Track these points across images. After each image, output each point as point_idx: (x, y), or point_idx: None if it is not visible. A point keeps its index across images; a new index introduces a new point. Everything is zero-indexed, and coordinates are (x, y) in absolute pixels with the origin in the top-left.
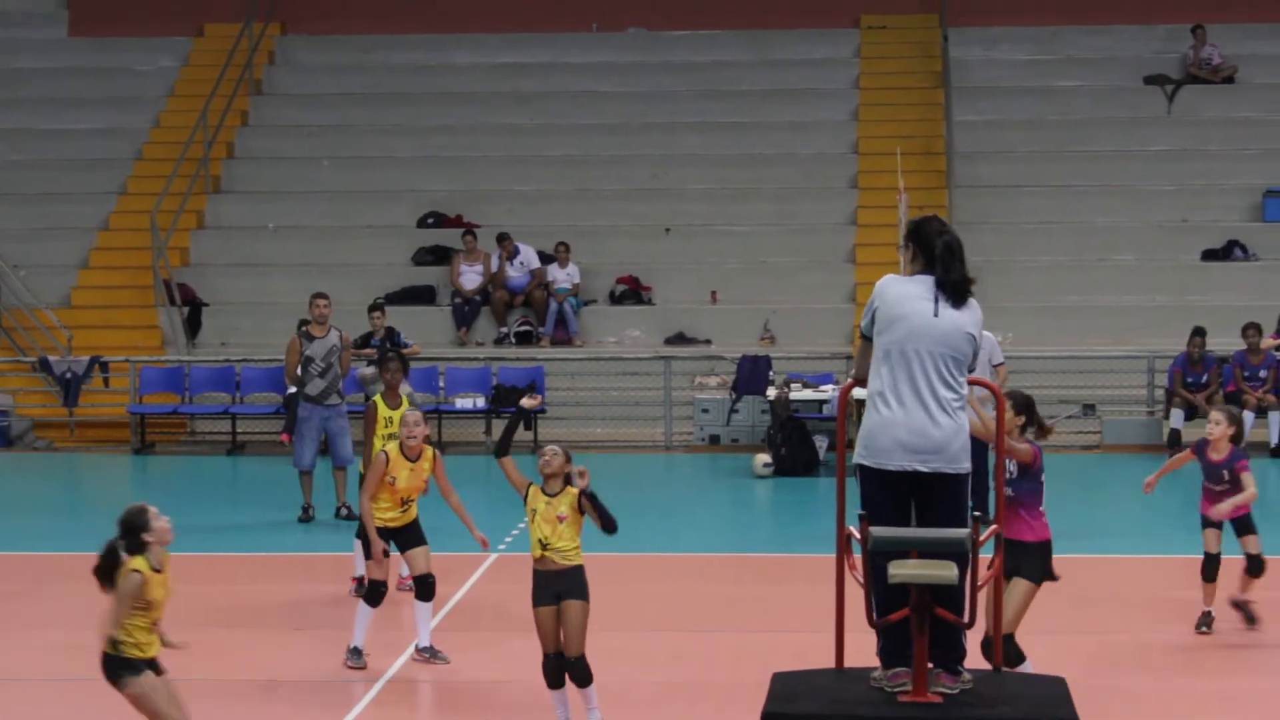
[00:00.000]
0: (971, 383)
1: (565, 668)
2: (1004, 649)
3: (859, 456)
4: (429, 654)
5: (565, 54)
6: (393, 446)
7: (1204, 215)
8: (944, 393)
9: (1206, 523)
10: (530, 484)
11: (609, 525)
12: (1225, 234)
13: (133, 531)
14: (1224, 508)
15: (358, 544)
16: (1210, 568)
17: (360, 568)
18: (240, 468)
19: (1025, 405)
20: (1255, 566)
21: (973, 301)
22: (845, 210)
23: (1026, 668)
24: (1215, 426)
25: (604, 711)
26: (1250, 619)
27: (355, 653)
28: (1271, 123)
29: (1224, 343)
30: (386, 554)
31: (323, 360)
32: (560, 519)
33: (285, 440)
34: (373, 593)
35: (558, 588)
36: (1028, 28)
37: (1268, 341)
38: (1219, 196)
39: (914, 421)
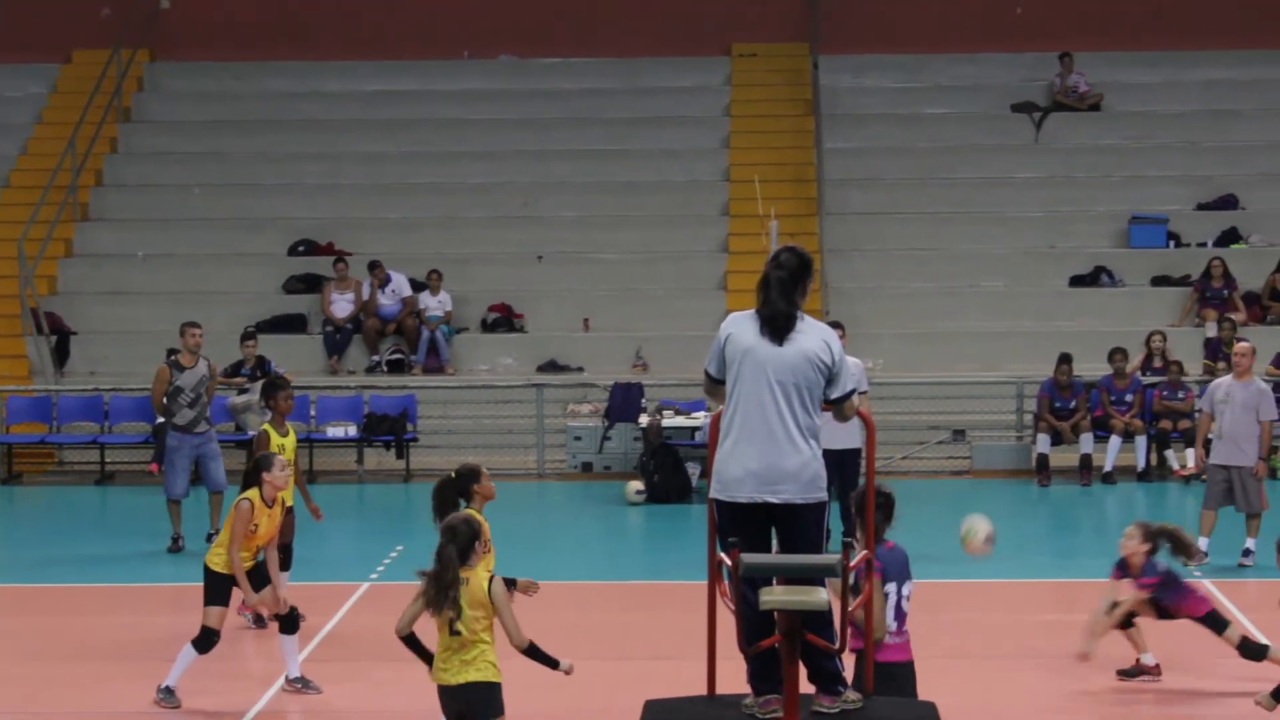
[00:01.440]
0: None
1: None
2: None
3: (712, 490)
4: (300, 684)
5: (436, 82)
6: (254, 494)
7: (1071, 242)
8: (794, 423)
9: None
10: None
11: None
12: (1092, 260)
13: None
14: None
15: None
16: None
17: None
18: (109, 498)
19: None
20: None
21: (821, 326)
22: (717, 237)
23: None
24: (1127, 540)
25: None
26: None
27: (168, 692)
28: (1137, 150)
29: (1091, 368)
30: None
31: (192, 390)
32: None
33: (154, 470)
34: (204, 640)
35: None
36: (896, 56)
37: (1134, 364)
38: (1086, 223)
39: (764, 452)
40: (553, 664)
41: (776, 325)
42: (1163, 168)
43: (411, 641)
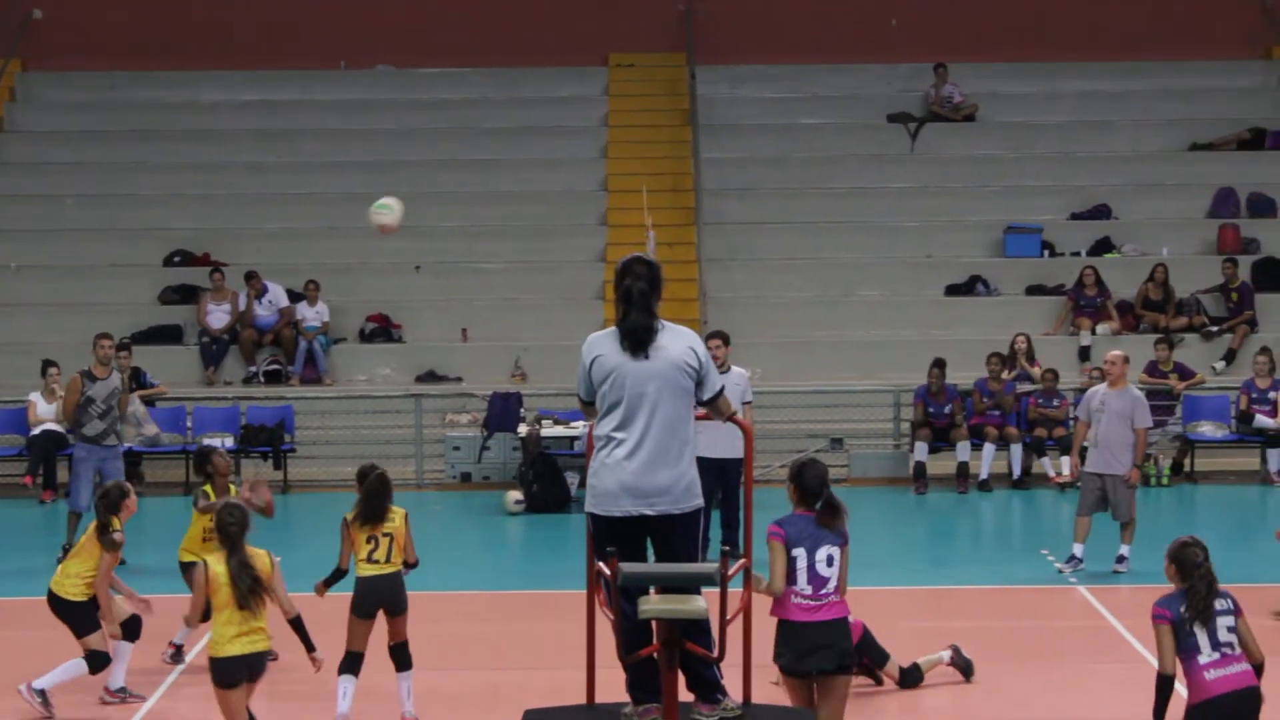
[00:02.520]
0: (701, 417)
1: None
2: None
3: (588, 505)
4: (123, 694)
5: (313, 91)
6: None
7: (947, 251)
8: (666, 436)
9: None
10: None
11: None
12: (968, 269)
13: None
14: None
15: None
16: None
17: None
18: None
19: (796, 474)
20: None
21: (686, 331)
22: (595, 247)
23: None
24: None
25: None
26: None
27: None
28: (1012, 160)
29: (967, 375)
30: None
31: (104, 402)
32: None
33: (29, 483)
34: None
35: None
36: (773, 66)
37: (1009, 374)
38: (961, 232)
39: (638, 468)
40: (309, 646)
41: (638, 338)
42: (1037, 178)
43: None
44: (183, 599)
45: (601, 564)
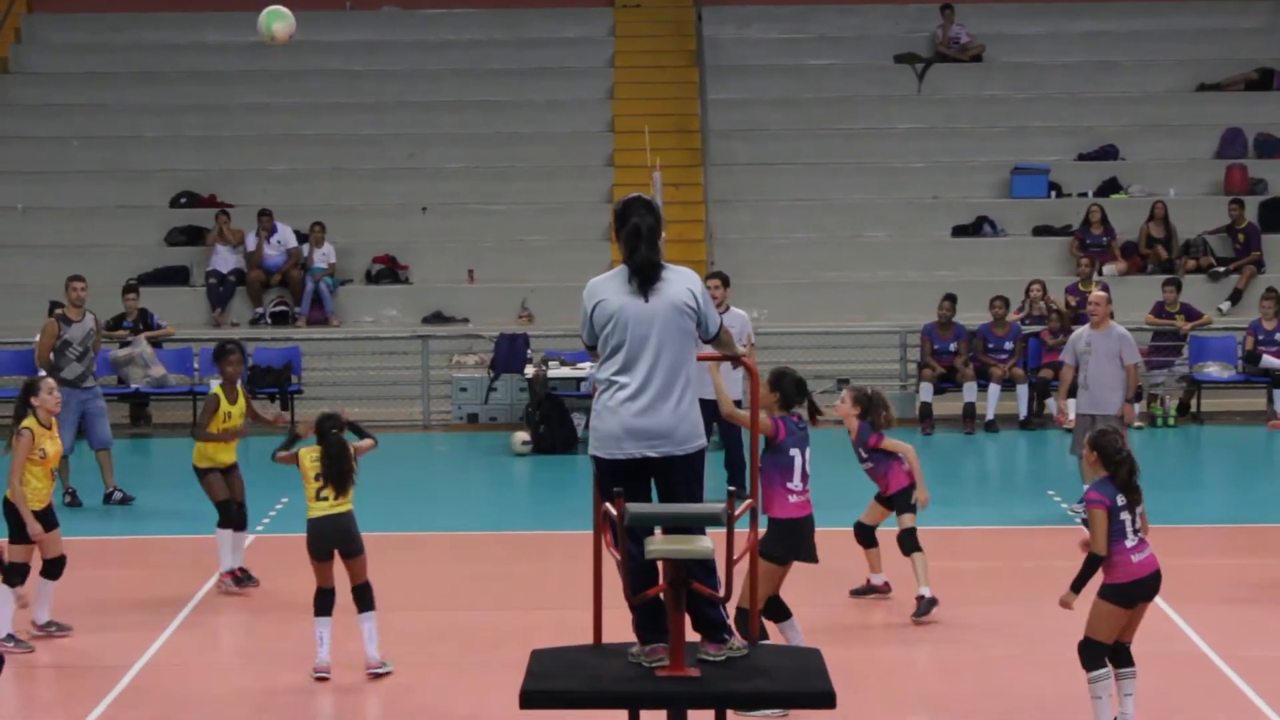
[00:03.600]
0: (720, 358)
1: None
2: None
3: (591, 448)
4: (51, 628)
5: (319, 32)
6: (30, 421)
7: (954, 192)
8: (669, 377)
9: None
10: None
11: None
12: (974, 210)
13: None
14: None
15: (222, 535)
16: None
17: (226, 561)
18: None
19: (776, 382)
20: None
21: (685, 271)
22: (601, 189)
23: (795, 638)
24: (840, 404)
25: (361, 695)
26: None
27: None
28: (1018, 100)
29: (974, 316)
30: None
31: (80, 344)
32: None
33: None
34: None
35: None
36: (780, 7)
37: (1014, 315)
38: (968, 174)
39: (641, 409)
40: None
41: (646, 275)
42: (1044, 118)
43: None
44: (195, 540)
45: (608, 505)
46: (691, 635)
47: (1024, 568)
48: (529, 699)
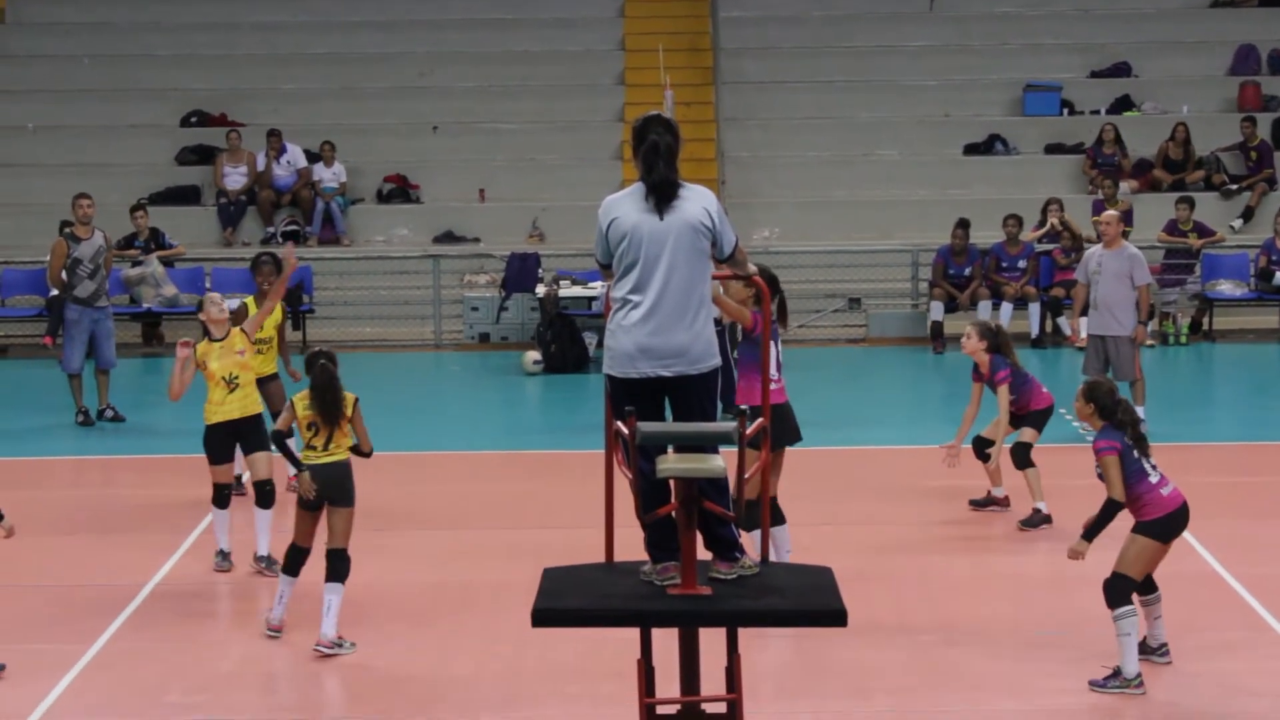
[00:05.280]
0: (733, 277)
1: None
2: (746, 513)
3: (605, 366)
4: (265, 565)
5: None
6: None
7: (965, 110)
8: (684, 296)
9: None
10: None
11: None
12: (986, 128)
13: None
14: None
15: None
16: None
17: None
18: (4, 372)
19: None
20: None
21: (701, 190)
22: (613, 107)
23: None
24: (966, 341)
25: (382, 612)
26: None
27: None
28: (1031, 17)
29: (986, 235)
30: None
31: (90, 262)
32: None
33: (49, 343)
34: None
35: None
36: None
37: (1029, 234)
38: (980, 91)
39: (656, 328)
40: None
41: (663, 193)
42: (1057, 35)
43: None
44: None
45: (620, 423)
46: (704, 554)
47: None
48: (541, 616)
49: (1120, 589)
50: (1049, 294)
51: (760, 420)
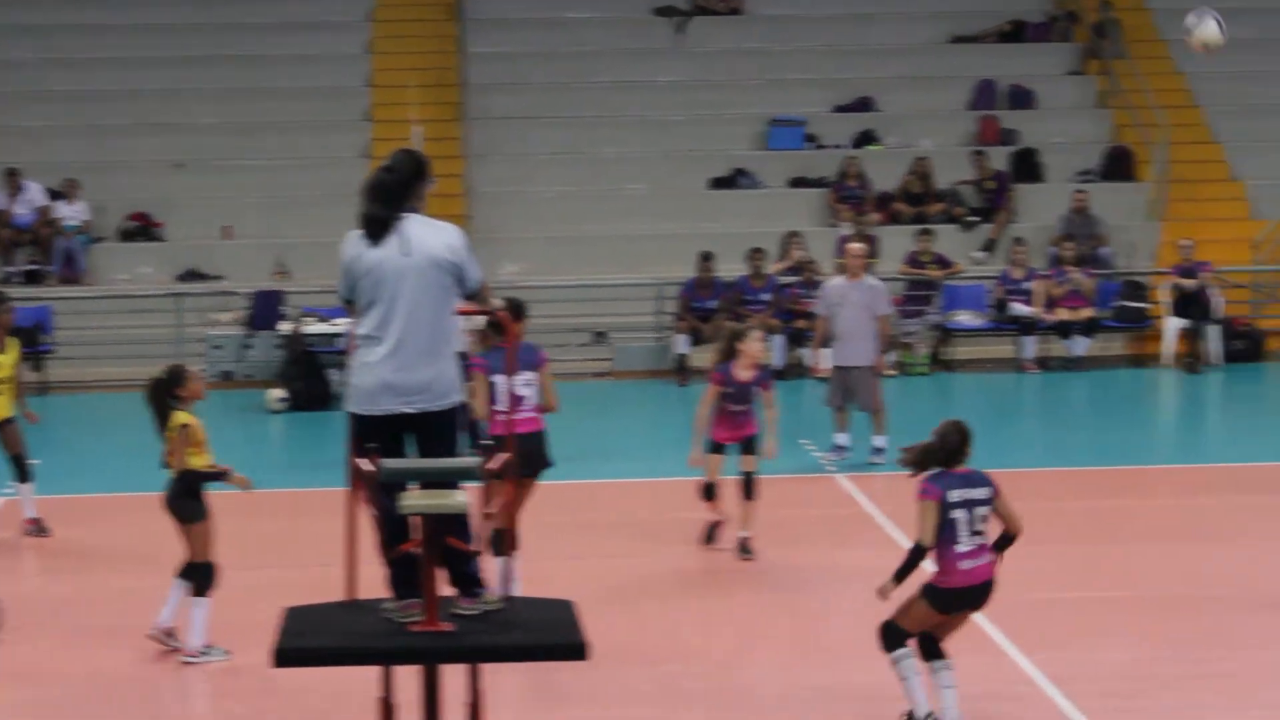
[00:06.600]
0: (475, 312)
1: None
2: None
3: (349, 404)
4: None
5: None
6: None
7: (711, 144)
8: (427, 333)
9: (714, 447)
10: None
11: None
12: (731, 162)
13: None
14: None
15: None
16: (710, 492)
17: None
18: None
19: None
20: (746, 489)
21: (446, 226)
22: (359, 143)
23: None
24: (754, 344)
25: (119, 654)
26: (745, 553)
27: None
28: (775, 53)
29: (731, 268)
30: None
31: None
32: None
33: None
34: None
35: None
36: None
37: (773, 267)
38: (726, 126)
39: (398, 364)
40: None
41: (373, 229)
42: (801, 71)
43: None
44: None
45: (362, 460)
46: (446, 590)
47: (778, 516)
48: (282, 657)
49: (888, 634)
50: (792, 326)
51: (505, 455)
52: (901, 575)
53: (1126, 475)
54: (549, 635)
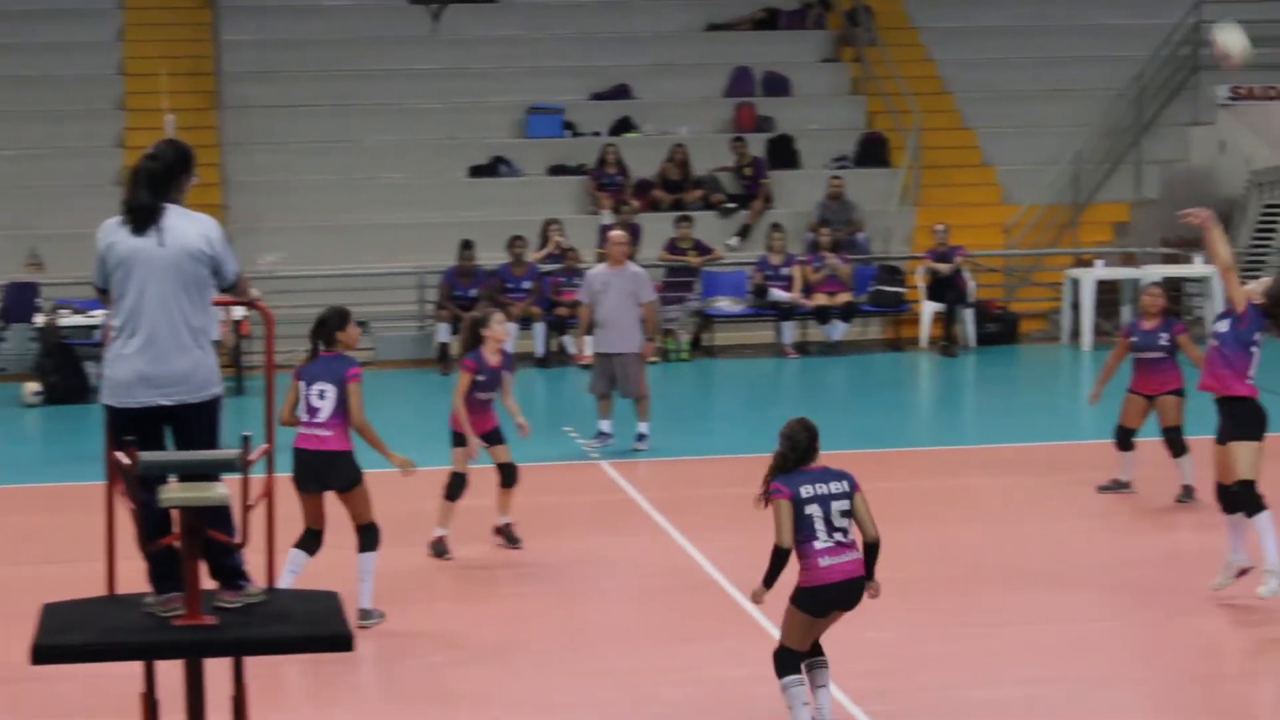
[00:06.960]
0: (233, 302)
1: None
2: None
3: (103, 396)
4: None
5: None
6: None
7: (470, 133)
8: (182, 324)
9: (459, 440)
10: None
11: None
12: (491, 151)
13: None
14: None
15: None
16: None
17: None
18: None
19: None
20: (508, 476)
21: (202, 217)
22: (112, 133)
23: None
24: (497, 327)
25: None
26: (511, 540)
27: None
28: (533, 40)
29: (492, 257)
30: None
31: None
32: None
33: None
34: None
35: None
36: None
37: (534, 255)
38: (484, 114)
39: (154, 357)
40: None
41: (139, 218)
42: (559, 58)
43: None
44: None
45: (120, 453)
46: (209, 583)
47: (542, 503)
48: (41, 654)
49: (780, 659)
50: (553, 313)
51: (264, 447)
52: (769, 579)
53: (889, 458)
54: (315, 627)
